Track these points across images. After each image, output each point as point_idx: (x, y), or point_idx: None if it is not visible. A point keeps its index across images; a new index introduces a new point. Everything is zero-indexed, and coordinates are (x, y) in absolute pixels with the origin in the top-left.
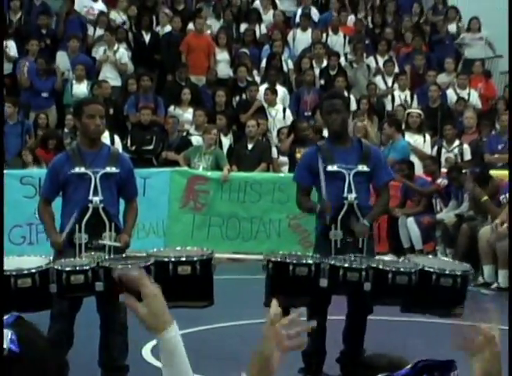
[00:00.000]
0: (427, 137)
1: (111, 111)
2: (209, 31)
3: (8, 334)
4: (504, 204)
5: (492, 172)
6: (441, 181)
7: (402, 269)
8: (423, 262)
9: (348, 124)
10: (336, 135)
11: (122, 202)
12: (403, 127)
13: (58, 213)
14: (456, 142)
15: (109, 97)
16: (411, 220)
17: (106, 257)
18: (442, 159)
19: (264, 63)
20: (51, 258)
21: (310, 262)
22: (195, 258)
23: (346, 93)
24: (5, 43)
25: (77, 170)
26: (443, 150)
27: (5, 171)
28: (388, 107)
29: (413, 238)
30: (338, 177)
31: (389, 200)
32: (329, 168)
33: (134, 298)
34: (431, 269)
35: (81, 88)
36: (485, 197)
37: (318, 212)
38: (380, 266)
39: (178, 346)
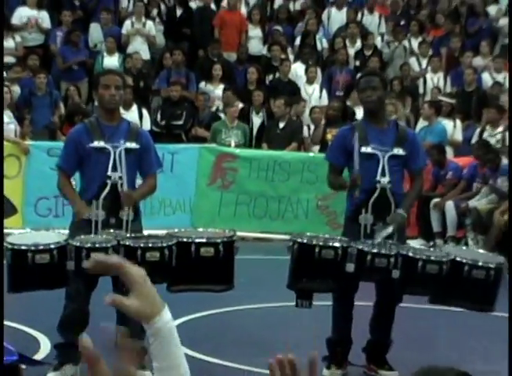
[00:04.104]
0: (458, 122)
1: (141, 84)
2: (243, 8)
3: None
4: None
5: None
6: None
7: (432, 258)
8: (455, 251)
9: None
10: (371, 113)
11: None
12: None
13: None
14: (500, 128)
15: (140, 70)
16: (450, 204)
17: (127, 235)
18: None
19: (298, 41)
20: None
21: (337, 245)
22: (218, 240)
23: None
24: (37, 13)
25: (96, 144)
26: (485, 134)
27: (32, 143)
28: (420, 89)
29: (449, 223)
30: (372, 159)
31: (423, 186)
32: (363, 149)
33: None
34: (464, 260)
35: (111, 61)
36: None
37: (348, 185)
38: (410, 254)
39: (173, 331)
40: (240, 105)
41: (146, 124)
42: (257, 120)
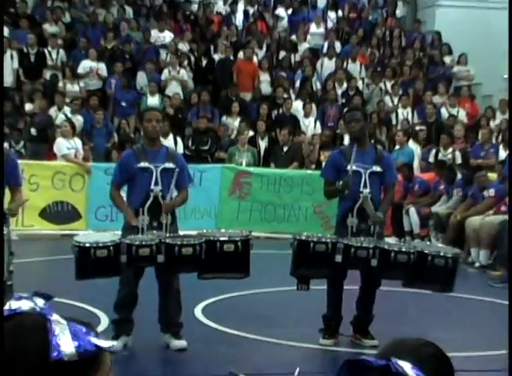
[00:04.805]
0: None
1: (179, 116)
2: (255, 58)
3: None
4: (487, 198)
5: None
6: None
7: (403, 249)
8: (421, 245)
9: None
10: (355, 140)
11: None
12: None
13: None
14: (450, 150)
15: (177, 107)
16: (412, 210)
17: (167, 235)
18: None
19: (297, 84)
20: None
21: (327, 240)
22: (237, 238)
23: None
24: (97, 64)
25: (142, 164)
26: (440, 154)
27: (93, 164)
28: (393, 121)
29: (413, 224)
30: (356, 175)
31: (394, 196)
32: (349, 167)
33: None
34: (427, 251)
35: (153, 100)
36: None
37: (339, 189)
38: (385, 247)
39: None
40: (251, 133)
41: (180, 149)
42: (262, 144)
